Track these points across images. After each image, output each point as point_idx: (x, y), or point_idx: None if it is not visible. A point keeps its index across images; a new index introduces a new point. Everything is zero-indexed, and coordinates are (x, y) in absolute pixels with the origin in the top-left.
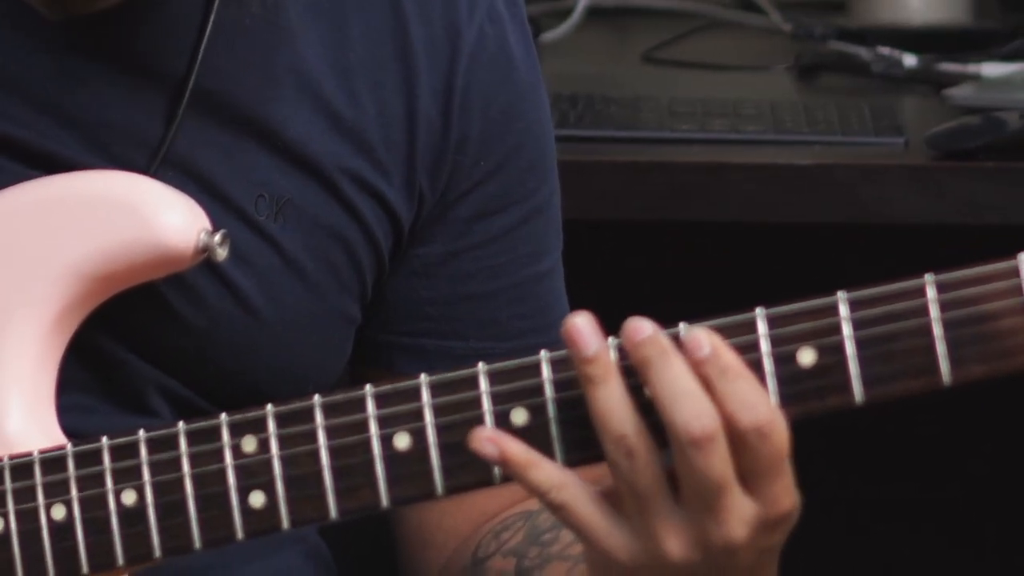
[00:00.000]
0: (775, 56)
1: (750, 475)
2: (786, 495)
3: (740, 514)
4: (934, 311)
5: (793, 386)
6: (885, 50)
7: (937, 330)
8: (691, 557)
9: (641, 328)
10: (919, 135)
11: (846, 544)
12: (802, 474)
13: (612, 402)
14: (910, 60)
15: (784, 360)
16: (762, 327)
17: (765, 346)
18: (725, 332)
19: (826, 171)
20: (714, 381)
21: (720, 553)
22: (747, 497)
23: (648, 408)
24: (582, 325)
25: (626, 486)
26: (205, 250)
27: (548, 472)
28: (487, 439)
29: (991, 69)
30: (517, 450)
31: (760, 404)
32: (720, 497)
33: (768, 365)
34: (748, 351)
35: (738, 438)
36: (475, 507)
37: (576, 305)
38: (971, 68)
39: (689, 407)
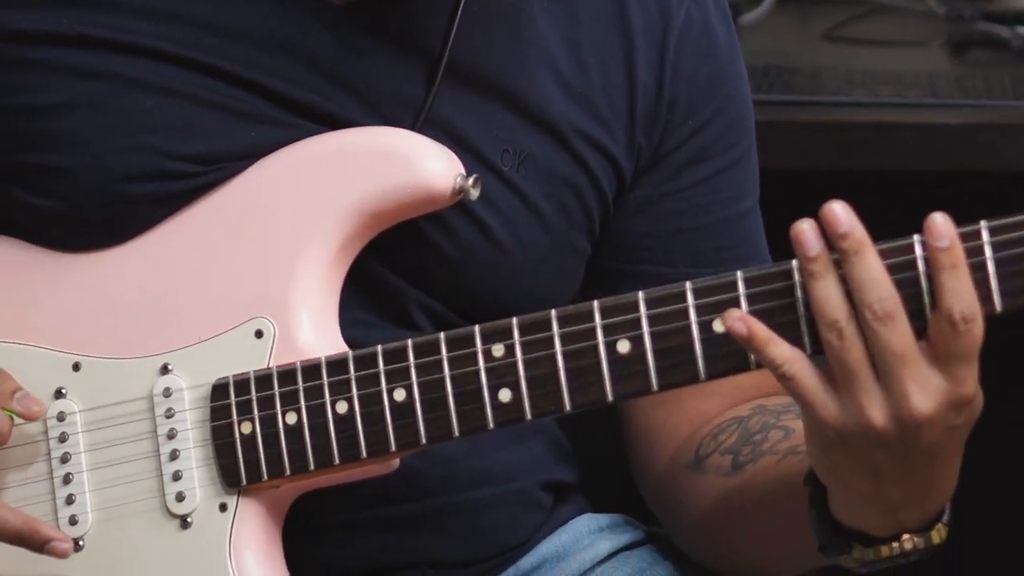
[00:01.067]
0: (931, 35)
1: (945, 356)
2: (971, 380)
3: (927, 388)
4: None
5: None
6: (1023, 29)
7: None
8: (887, 427)
9: (840, 220)
10: None
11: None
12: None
13: (828, 293)
14: None
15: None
16: (985, 236)
17: (989, 252)
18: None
19: (974, 129)
20: (943, 269)
21: (910, 424)
22: (937, 374)
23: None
24: (807, 229)
25: (837, 364)
26: (460, 192)
27: (783, 349)
28: (738, 319)
29: None
30: (761, 329)
31: (973, 299)
32: (903, 368)
33: (991, 268)
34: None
35: (949, 324)
36: (694, 411)
37: (769, 239)
38: None
39: (876, 290)
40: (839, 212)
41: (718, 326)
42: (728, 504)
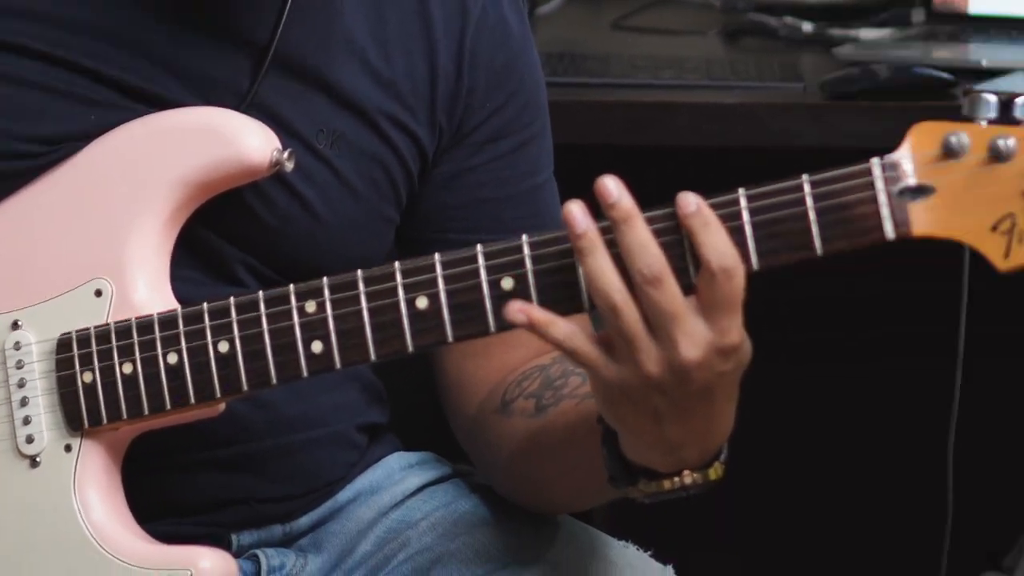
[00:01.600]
0: (708, 24)
1: (710, 307)
2: (735, 329)
3: (694, 338)
4: (809, 201)
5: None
6: (789, 19)
7: (811, 215)
8: (663, 375)
9: (610, 191)
10: (814, 82)
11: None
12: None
13: (598, 266)
14: (807, 26)
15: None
16: (743, 202)
17: (746, 216)
18: (712, 205)
19: (747, 109)
20: (697, 231)
21: (681, 371)
22: (703, 324)
23: (624, 273)
24: (575, 209)
25: (613, 329)
26: (277, 164)
27: (562, 327)
28: (518, 311)
29: (867, 33)
30: (539, 314)
31: (730, 252)
32: (674, 323)
33: (748, 230)
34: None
35: (708, 275)
36: (499, 361)
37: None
38: (852, 32)
39: (645, 256)
40: (610, 185)
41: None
42: (533, 443)
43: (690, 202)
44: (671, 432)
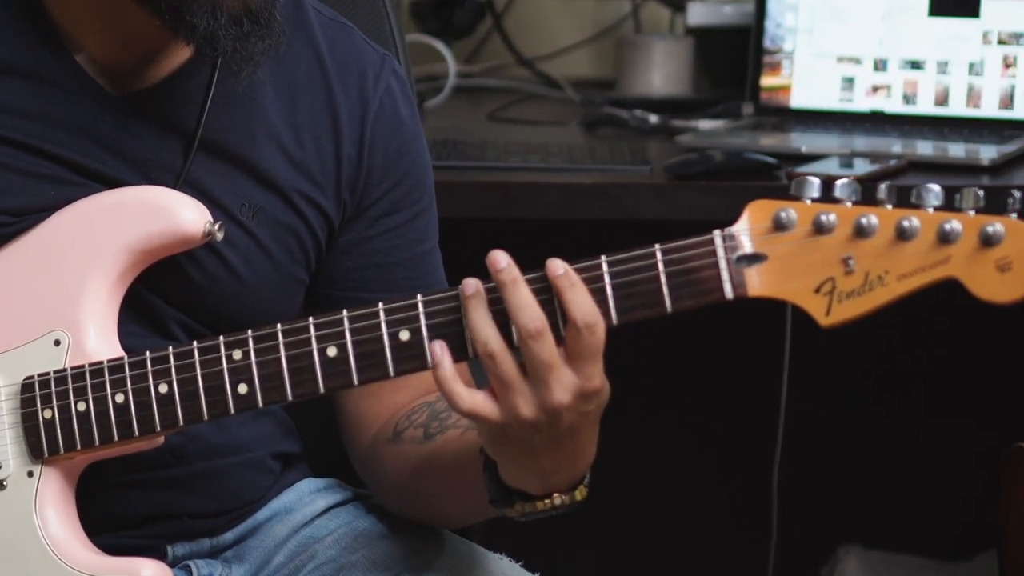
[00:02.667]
0: (569, 116)
1: (576, 357)
2: (598, 375)
3: (564, 384)
4: (661, 267)
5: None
6: (638, 112)
7: (663, 278)
8: (536, 416)
9: (500, 260)
10: (660, 164)
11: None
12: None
13: (481, 321)
14: (654, 118)
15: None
16: (605, 267)
17: (607, 279)
18: (577, 269)
19: (601, 187)
20: (564, 290)
21: (552, 412)
22: (571, 373)
23: (503, 326)
24: (470, 281)
25: (492, 376)
26: (208, 235)
27: (460, 387)
28: (439, 346)
29: (704, 124)
30: (447, 364)
31: (593, 310)
32: (550, 372)
33: (609, 291)
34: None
35: (575, 329)
36: (391, 400)
37: (448, 271)
38: (692, 123)
39: (528, 313)
40: (499, 255)
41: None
42: (421, 467)
43: (558, 266)
44: (544, 463)
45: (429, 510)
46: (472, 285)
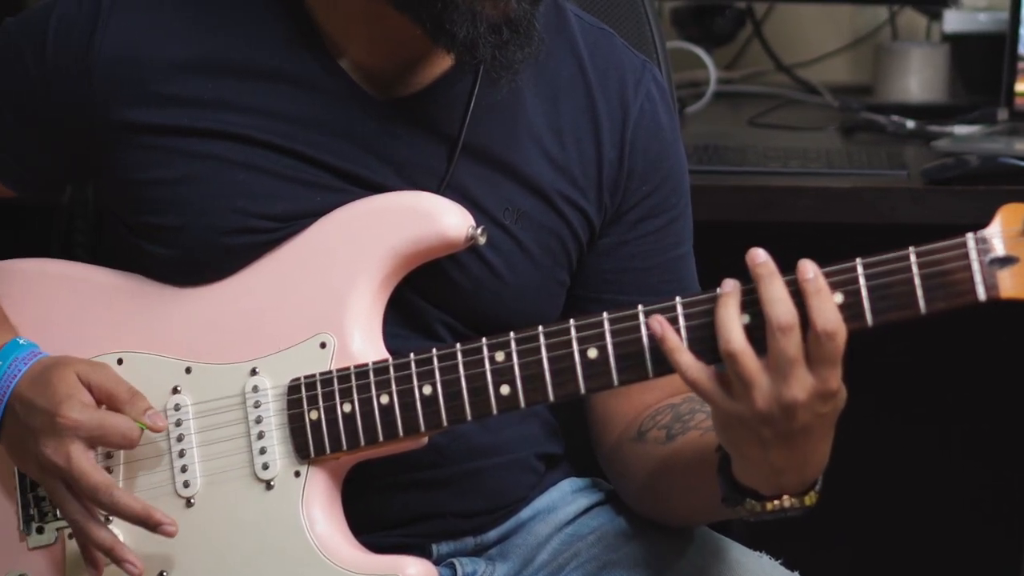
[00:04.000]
0: (828, 121)
1: (815, 360)
2: (834, 379)
3: (802, 383)
4: (915, 269)
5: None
6: (896, 117)
7: (917, 280)
8: (771, 409)
9: (759, 255)
10: (917, 169)
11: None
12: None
13: (725, 318)
14: (911, 123)
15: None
16: (860, 269)
17: (862, 281)
18: (833, 272)
19: (858, 192)
20: (809, 295)
21: (787, 408)
22: (809, 373)
23: (748, 328)
24: (759, 253)
25: (731, 371)
26: (472, 239)
27: (687, 357)
28: (657, 321)
29: (960, 129)
30: (673, 336)
31: (836, 318)
32: (791, 367)
33: (864, 293)
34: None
35: (815, 335)
36: (640, 399)
37: (701, 274)
38: (948, 128)
39: (781, 307)
40: (759, 251)
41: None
42: (662, 465)
43: (808, 269)
44: (775, 458)
45: (665, 507)
46: (731, 283)
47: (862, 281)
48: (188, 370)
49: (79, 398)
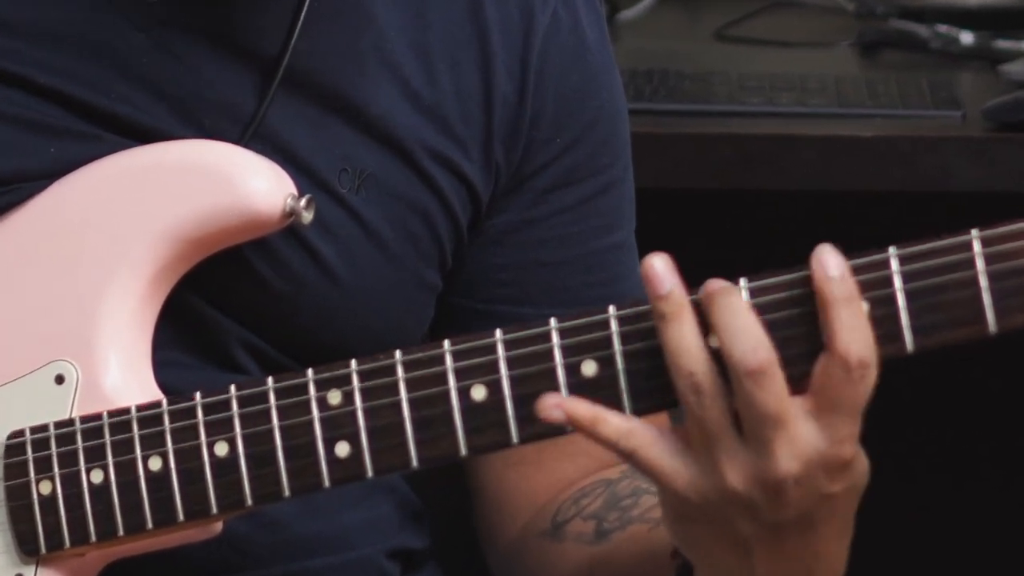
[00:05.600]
0: (839, 33)
1: (828, 407)
2: (851, 440)
3: (796, 446)
4: (980, 264)
5: None
6: (943, 27)
7: (983, 281)
8: (750, 491)
9: (663, 280)
10: (975, 108)
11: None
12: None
13: (683, 340)
14: (967, 37)
15: None
16: (895, 264)
17: (898, 282)
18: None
19: (887, 143)
20: (836, 304)
21: (774, 486)
22: (814, 428)
23: (717, 352)
24: (659, 265)
25: (694, 421)
26: (291, 214)
27: (615, 424)
28: (553, 406)
29: None
30: (583, 409)
31: (871, 342)
32: (775, 429)
33: (901, 301)
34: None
35: (843, 367)
36: (553, 473)
37: None
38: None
39: (746, 341)
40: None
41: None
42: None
43: (831, 263)
44: (761, 567)
45: None
46: (666, 279)
47: (897, 282)
48: None
49: None
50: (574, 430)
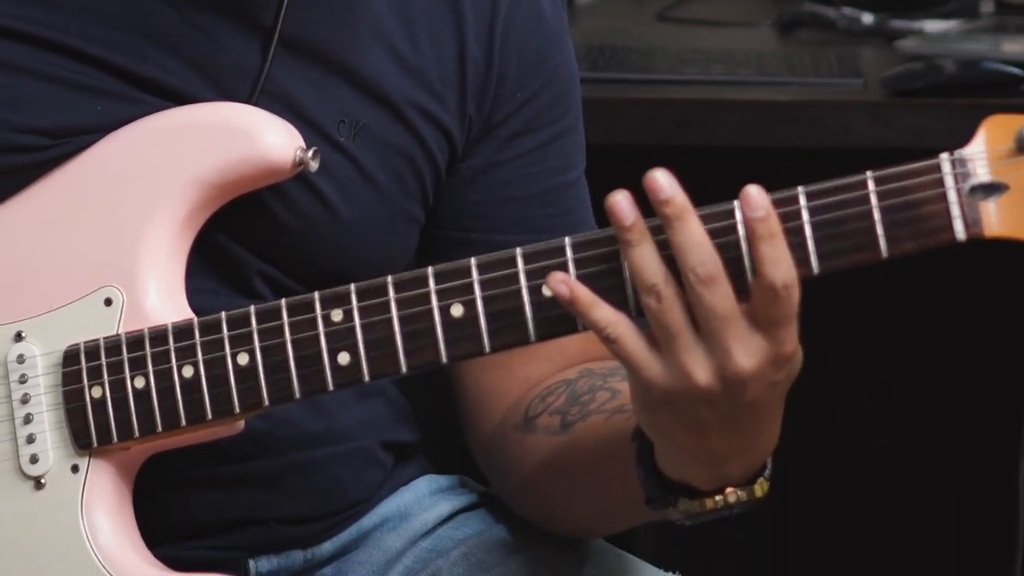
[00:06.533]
0: (761, 15)
1: (766, 320)
2: (791, 340)
3: (749, 346)
4: (874, 200)
5: None
6: (848, 9)
7: (876, 215)
8: (712, 384)
9: (661, 186)
10: (875, 77)
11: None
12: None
13: (645, 259)
14: (868, 18)
15: None
16: (803, 200)
17: (806, 216)
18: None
19: (801, 107)
20: (761, 238)
21: (734, 381)
22: (758, 335)
23: (671, 265)
24: (620, 200)
25: (657, 325)
26: (300, 164)
27: (606, 312)
28: (561, 281)
29: (932, 25)
30: (584, 292)
31: (791, 267)
32: (726, 329)
33: (808, 231)
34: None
35: (771, 292)
36: (522, 375)
37: (597, 214)
38: (916, 24)
39: (698, 254)
40: (661, 179)
41: (547, 290)
42: (557, 461)
43: (757, 202)
44: (716, 445)
45: (565, 515)
46: (628, 213)
47: (805, 216)
48: None
49: None
50: (536, 340)
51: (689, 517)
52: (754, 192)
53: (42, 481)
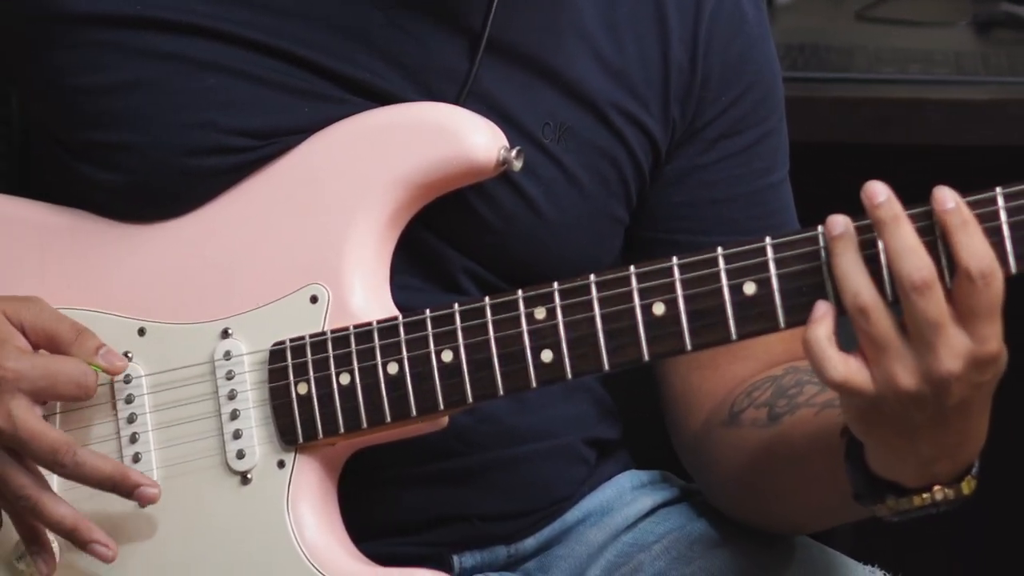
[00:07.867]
0: (958, 15)
1: (968, 315)
2: (995, 338)
3: (954, 349)
4: None
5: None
6: None
7: None
8: (919, 388)
9: (878, 192)
10: None
11: None
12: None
13: (848, 268)
14: None
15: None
16: (1000, 201)
17: (1004, 216)
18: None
19: (998, 106)
20: (955, 230)
21: (940, 383)
22: (962, 334)
23: (878, 275)
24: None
25: (864, 336)
26: (504, 163)
27: (824, 335)
28: (824, 308)
29: None
30: (827, 325)
31: (988, 255)
32: (937, 334)
33: (1006, 231)
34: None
35: (968, 280)
36: (728, 374)
37: (800, 210)
38: None
39: (913, 260)
40: (877, 187)
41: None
42: (764, 454)
43: (947, 197)
44: (924, 447)
45: (772, 510)
46: (840, 223)
47: (1003, 216)
48: (142, 331)
49: (13, 343)
50: (738, 339)
51: (897, 514)
52: (942, 190)
53: (248, 476)
